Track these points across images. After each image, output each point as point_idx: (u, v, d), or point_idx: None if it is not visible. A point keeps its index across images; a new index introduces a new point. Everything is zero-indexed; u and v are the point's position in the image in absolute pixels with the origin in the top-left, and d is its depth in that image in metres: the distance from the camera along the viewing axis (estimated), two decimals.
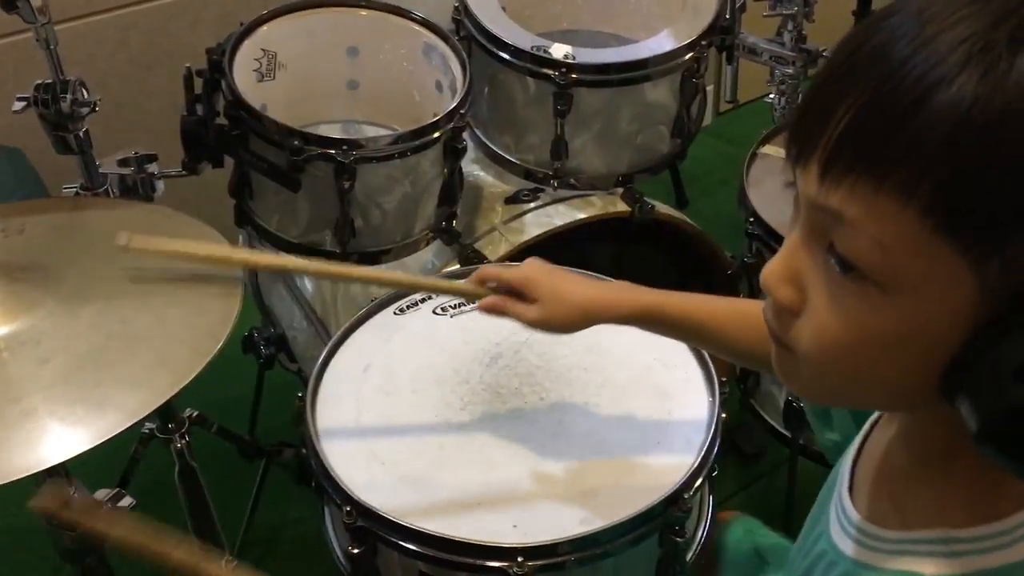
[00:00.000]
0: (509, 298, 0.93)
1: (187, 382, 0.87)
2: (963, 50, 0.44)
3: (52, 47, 1.22)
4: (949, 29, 0.44)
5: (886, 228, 0.46)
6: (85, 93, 1.25)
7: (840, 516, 0.61)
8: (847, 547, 0.59)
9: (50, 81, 1.22)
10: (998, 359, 0.45)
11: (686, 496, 0.93)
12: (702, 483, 0.97)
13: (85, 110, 1.24)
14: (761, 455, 1.77)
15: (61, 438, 0.84)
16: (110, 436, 0.83)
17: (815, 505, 0.69)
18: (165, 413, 1.36)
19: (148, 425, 1.40)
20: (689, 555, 1.00)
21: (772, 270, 0.52)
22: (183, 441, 1.35)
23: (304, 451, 1.00)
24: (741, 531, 1.03)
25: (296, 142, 1.21)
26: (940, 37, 0.45)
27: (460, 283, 1.00)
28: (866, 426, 0.65)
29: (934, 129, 0.44)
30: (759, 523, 1.04)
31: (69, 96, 1.22)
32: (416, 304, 1.17)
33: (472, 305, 1.16)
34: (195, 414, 1.42)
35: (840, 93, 0.47)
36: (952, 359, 0.47)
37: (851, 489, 0.61)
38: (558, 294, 0.91)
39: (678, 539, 0.94)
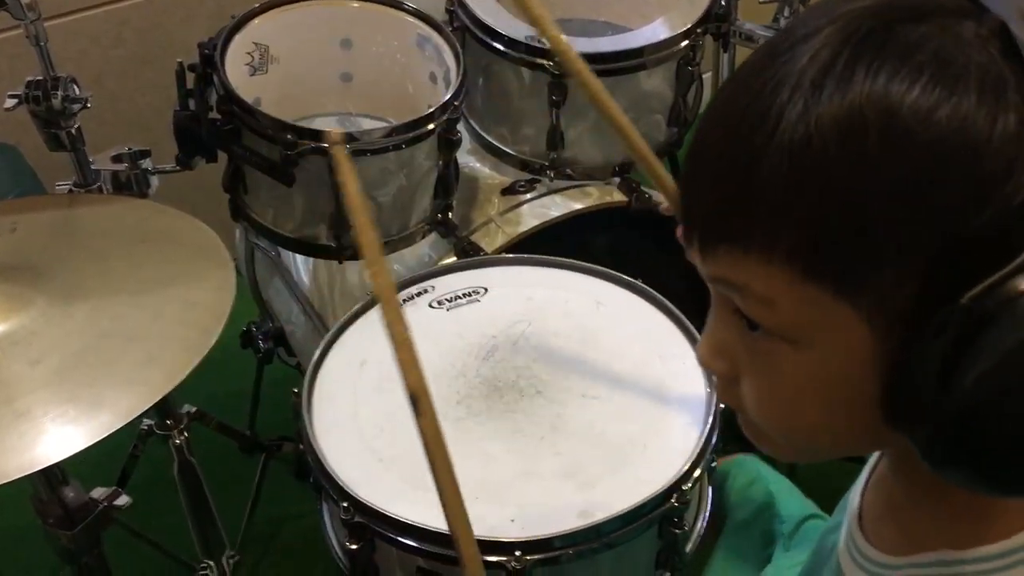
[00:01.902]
0: None
1: (181, 380, 0.87)
2: (777, 106, 0.45)
3: (43, 43, 1.21)
4: (765, 88, 0.46)
5: (765, 285, 0.47)
6: (77, 89, 1.24)
7: (852, 548, 0.61)
8: (852, 571, 0.59)
9: (41, 78, 1.21)
10: (914, 387, 0.45)
11: (685, 488, 0.92)
12: (701, 474, 0.96)
13: (77, 107, 1.23)
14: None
15: (56, 438, 0.84)
16: (105, 436, 0.82)
17: (822, 532, 0.70)
18: (163, 409, 1.36)
19: (147, 421, 1.41)
20: (689, 546, 1.00)
21: (702, 347, 0.55)
22: (182, 437, 1.36)
23: (302, 447, 0.99)
24: (752, 473, 1.03)
25: (289, 136, 1.20)
26: (759, 98, 0.46)
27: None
28: (872, 458, 0.65)
29: (769, 185, 0.45)
30: (762, 462, 1.03)
31: (60, 93, 1.21)
32: (412, 298, 1.17)
33: (468, 298, 1.16)
34: (194, 410, 1.42)
35: (697, 168, 0.49)
36: (882, 394, 0.48)
37: (860, 518, 0.62)
38: None
39: (677, 531, 0.94)
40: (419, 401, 0.68)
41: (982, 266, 0.43)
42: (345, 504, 0.92)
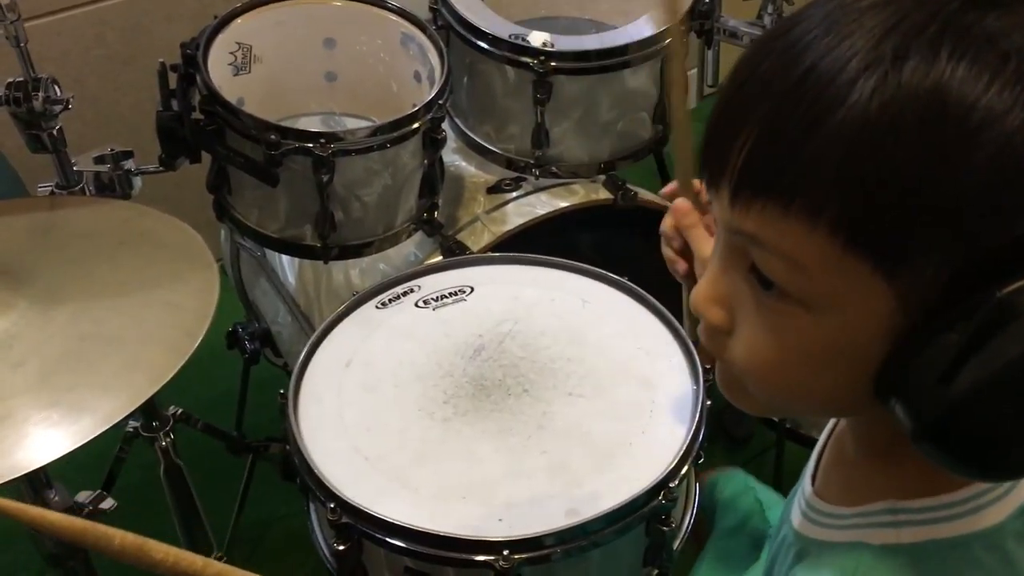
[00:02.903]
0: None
1: (164, 382, 0.86)
2: (850, 70, 0.44)
3: (22, 44, 1.20)
4: (835, 48, 0.45)
5: (799, 249, 0.47)
6: (58, 90, 1.23)
7: (800, 499, 0.63)
8: (802, 526, 0.61)
9: (22, 79, 1.20)
10: (921, 367, 0.46)
11: (672, 485, 0.92)
12: (688, 471, 0.96)
13: (58, 108, 1.22)
14: (749, 439, 1.78)
15: (38, 443, 0.83)
16: (87, 440, 0.82)
17: (788, 497, 0.71)
18: (149, 411, 1.35)
19: (132, 424, 1.40)
20: (676, 543, 1.00)
21: (699, 292, 0.54)
22: (168, 439, 1.35)
23: (288, 448, 0.99)
24: (740, 484, 1.03)
25: (273, 136, 1.19)
26: (825, 60, 0.45)
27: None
28: (831, 422, 0.66)
29: (830, 152, 0.44)
30: (749, 476, 1.04)
31: (41, 94, 1.20)
32: (398, 298, 1.16)
33: (454, 297, 1.16)
34: (179, 412, 1.41)
35: (740, 119, 0.48)
36: (880, 368, 0.48)
37: (815, 476, 0.63)
38: None
39: (665, 528, 0.94)
40: None
41: (1017, 265, 0.44)
42: (332, 505, 0.91)
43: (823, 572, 0.56)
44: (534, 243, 1.33)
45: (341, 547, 0.92)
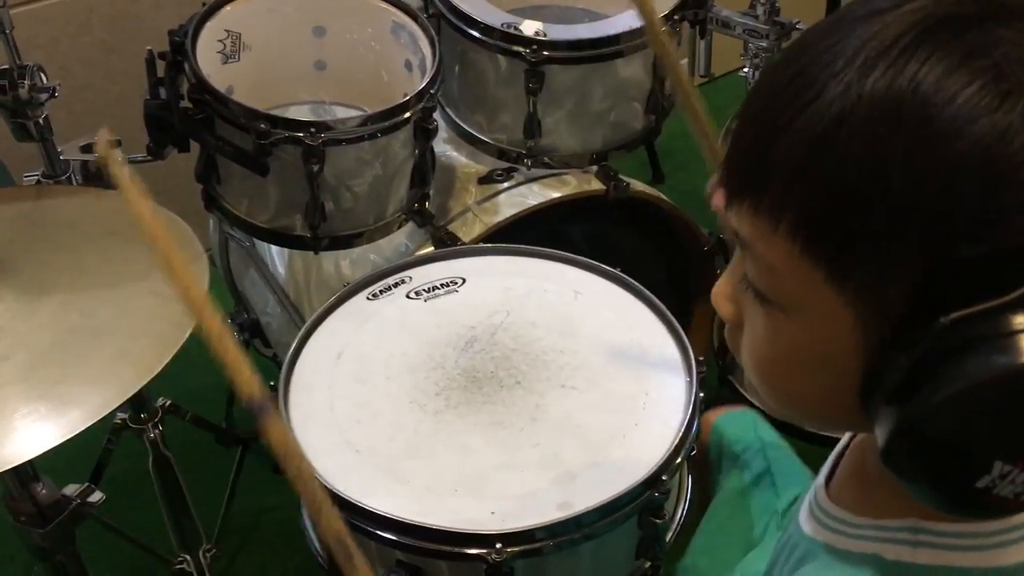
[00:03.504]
0: None
1: (153, 375, 0.85)
2: (822, 79, 0.45)
3: (8, 31, 1.18)
4: (819, 58, 0.46)
5: (767, 249, 0.48)
6: (44, 78, 1.22)
7: (812, 502, 0.62)
8: (813, 530, 0.60)
9: (7, 67, 1.19)
10: (887, 384, 0.46)
11: (664, 478, 0.92)
12: (680, 463, 0.96)
13: (44, 96, 1.21)
14: None
15: (25, 436, 0.82)
16: (75, 433, 0.81)
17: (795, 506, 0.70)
18: (137, 403, 1.34)
19: (120, 415, 1.39)
20: (669, 535, 0.99)
21: (716, 288, 0.56)
22: (156, 431, 1.34)
23: None
24: (741, 440, 1.02)
25: (262, 125, 1.18)
26: (810, 67, 0.46)
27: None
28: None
29: (792, 154, 0.45)
30: (759, 418, 1.03)
31: (27, 82, 1.19)
32: (390, 289, 1.15)
33: (446, 289, 1.15)
34: (168, 403, 1.40)
35: (742, 119, 0.50)
36: (861, 380, 0.48)
37: (829, 480, 0.62)
38: None
39: (657, 520, 0.94)
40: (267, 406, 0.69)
41: (974, 291, 0.43)
42: None
43: (840, 569, 0.55)
44: (526, 234, 1.32)
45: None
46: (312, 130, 1.19)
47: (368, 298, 1.14)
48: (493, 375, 1.04)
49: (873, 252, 0.44)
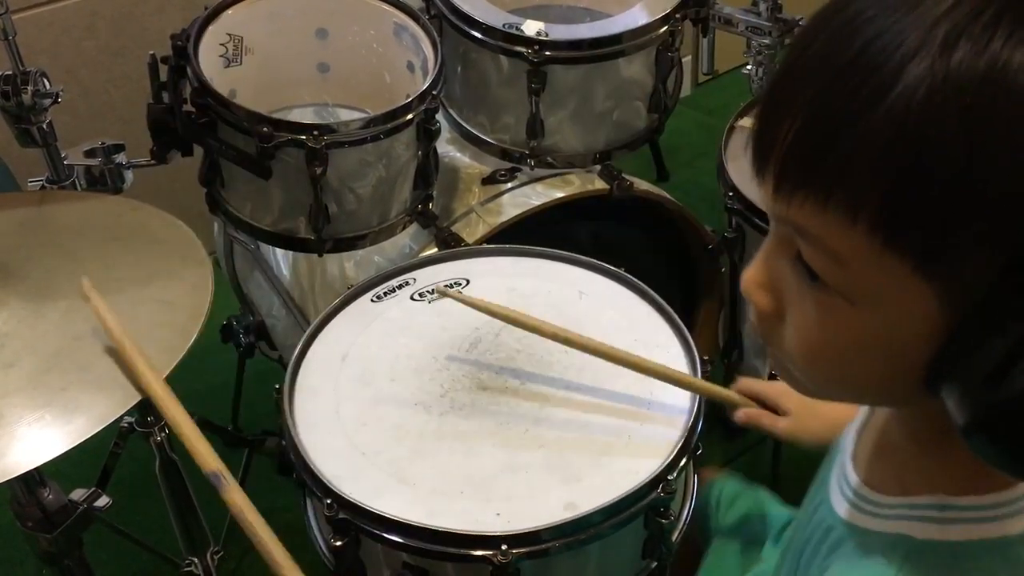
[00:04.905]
0: (762, 411, 0.98)
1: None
2: (896, 59, 0.42)
3: (11, 37, 1.18)
4: (884, 34, 0.43)
5: (839, 243, 0.45)
6: (47, 84, 1.22)
7: (842, 483, 0.61)
8: (843, 511, 0.59)
9: (10, 73, 1.19)
10: (972, 363, 0.44)
11: (670, 478, 0.92)
12: (686, 463, 0.96)
13: (47, 101, 1.21)
14: (746, 429, 1.77)
15: (31, 444, 0.82)
16: (81, 441, 0.81)
17: (816, 476, 0.70)
18: (144, 407, 1.34)
19: (127, 419, 1.39)
20: (675, 535, 0.99)
21: (750, 276, 0.53)
22: (163, 434, 1.34)
23: (284, 443, 0.98)
24: (732, 490, 1.03)
25: (265, 128, 1.18)
26: (875, 44, 0.43)
27: (723, 389, 1.01)
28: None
29: (869, 145, 0.42)
30: (745, 480, 1.04)
31: (30, 88, 1.19)
32: (393, 291, 1.15)
33: (445, 290, 1.15)
34: None
35: (786, 104, 0.46)
36: (931, 362, 0.47)
37: (854, 458, 0.62)
38: (810, 407, 0.94)
39: (663, 520, 0.94)
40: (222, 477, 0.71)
41: None
42: (329, 501, 0.91)
43: (869, 563, 0.55)
44: (529, 234, 1.32)
45: (338, 543, 0.92)
46: (315, 133, 1.19)
47: (373, 300, 1.14)
48: (498, 376, 1.04)
49: (973, 240, 0.42)
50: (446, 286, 1.15)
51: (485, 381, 1.03)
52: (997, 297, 0.43)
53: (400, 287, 1.16)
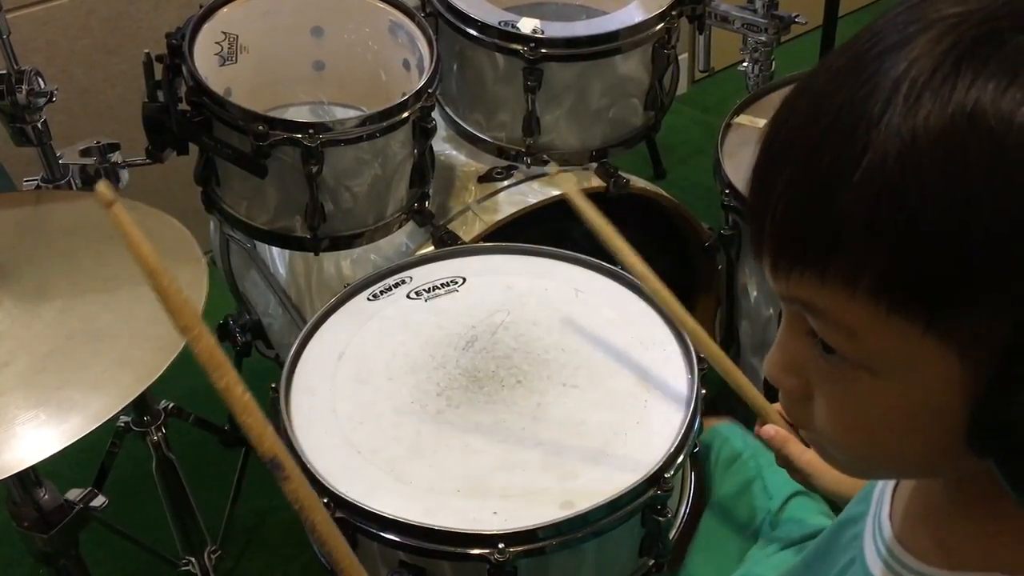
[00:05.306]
0: (793, 436, 0.93)
1: (153, 380, 0.85)
2: (863, 125, 0.41)
3: (5, 36, 1.18)
4: (849, 103, 0.42)
5: (845, 315, 0.44)
6: (42, 83, 1.22)
7: (878, 544, 0.58)
8: (878, 571, 0.56)
9: (4, 72, 1.19)
10: (1010, 418, 0.42)
11: (667, 476, 0.92)
12: (683, 461, 0.96)
13: (42, 100, 1.21)
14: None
15: (27, 442, 0.82)
16: (76, 439, 0.81)
17: (836, 523, 0.67)
18: (140, 406, 1.34)
19: (124, 418, 1.39)
20: (672, 532, 0.99)
21: (772, 361, 0.51)
22: (159, 433, 1.34)
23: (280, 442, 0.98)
24: (731, 451, 1.02)
25: (261, 127, 1.18)
26: (843, 114, 0.42)
27: (763, 399, 0.97)
28: None
29: (854, 214, 0.42)
30: (745, 432, 1.02)
31: (25, 87, 1.19)
32: (390, 289, 1.15)
33: (447, 288, 1.15)
34: (171, 406, 1.40)
35: (769, 184, 0.45)
36: (969, 424, 0.45)
37: (890, 516, 0.59)
38: None
39: (661, 518, 0.94)
40: (283, 465, 0.64)
41: None
42: (325, 500, 0.90)
43: None
44: (526, 232, 1.32)
45: None
46: (310, 131, 1.19)
47: (369, 299, 1.14)
48: (494, 374, 1.04)
49: (978, 291, 0.41)
50: (442, 285, 1.15)
51: (482, 379, 1.03)
52: (1020, 345, 0.42)
53: (396, 285, 1.16)
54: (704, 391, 1.00)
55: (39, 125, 1.23)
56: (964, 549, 0.52)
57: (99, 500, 1.07)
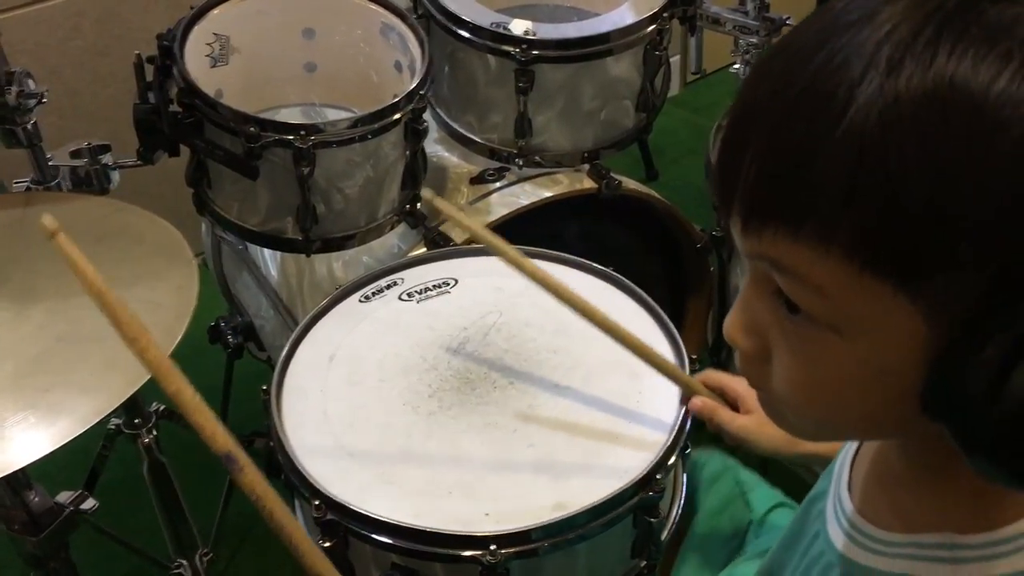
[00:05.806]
0: (721, 405, 0.95)
1: (142, 383, 0.85)
2: (845, 85, 0.42)
3: None
4: (829, 63, 0.43)
5: (816, 273, 0.45)
6: (32, 84, 1.21)
7: (839, 516, 0.59)
8: (847, 549, 0.57)
9: None
10: (968, 380, 0.43)
11: (659, 477, 0.92)
12: (675, 462, 0.96)
13: (32, 102, 1.20)
14: None
15: (15, 445, 0.81)
16: (65, 442, 0.80)
17: (806, 501, 0.68)
18: (131, 408, 1.33)
19: (115, 421, 1.38)
20: (664, 534, 0.99)
21: (731, 321, 0.52)
22: (151, 436, 1.33)
23: (272, 444, 0.98)
24: (719, 464, 1.02)
25: (252, 128, 1.18)
26: (822, 73, 0.43)
27: (683, 373, 0.99)
28: None
29: (832, 173, 0.42)
30: (729, 457, 1.03)
31: (14, 88, 1.18)
32: (382, 291, 1.15)
33: (438, 290, 1.15)
34: (162, 408, 1.40)
35: (742, 146, 0.46)
36: (925, 385, 0.46)
37: (849, 487, 0.60)
38: None
39: (652, 519, 0.94)
40: (237, 459, 0.67)
41: None
42: (317, 502, 0.90)
43: None
44: (518, 234, 1.31)
45: (327, 544, 0.91)
46: (302, 133, 1.19)
47: (361, 300, 1.14)
48: (486, 376, 1.04)
49: (952, 255, 0.42)
50: (433, 286, 1.15)
51: (473, 381, 1.03)
52: (986, 309, 0.43)
53: (388, 287, 1.16)
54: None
55: (29, 127, 1.23)
56: (919, 511, 0.53)
57: (90, 503, 1.06)
